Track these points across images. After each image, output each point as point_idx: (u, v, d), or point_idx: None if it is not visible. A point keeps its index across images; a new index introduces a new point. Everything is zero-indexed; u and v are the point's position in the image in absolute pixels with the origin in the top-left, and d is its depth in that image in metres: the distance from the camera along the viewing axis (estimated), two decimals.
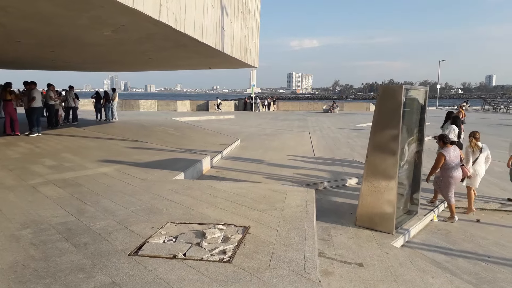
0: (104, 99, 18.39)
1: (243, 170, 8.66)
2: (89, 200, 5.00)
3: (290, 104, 42.72)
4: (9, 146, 9.62)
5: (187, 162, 7.94)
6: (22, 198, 5.03)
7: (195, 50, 9.23)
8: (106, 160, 7.91)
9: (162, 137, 12.78)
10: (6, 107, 11.58)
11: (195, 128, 17.14)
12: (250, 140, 14.14)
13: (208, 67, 15.60)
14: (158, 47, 8.82)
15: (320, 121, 25.12)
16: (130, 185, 5.88)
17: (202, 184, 5.99)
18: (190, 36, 7.13)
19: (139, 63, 14.28)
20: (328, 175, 8.34)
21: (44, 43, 8.06)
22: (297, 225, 4.11)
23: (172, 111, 33.44)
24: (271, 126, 20.47)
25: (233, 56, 10.73)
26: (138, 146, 10.11)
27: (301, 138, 15.31)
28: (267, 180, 7.66)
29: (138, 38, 7.38)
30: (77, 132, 13.26)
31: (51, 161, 7.77)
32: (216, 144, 11.77)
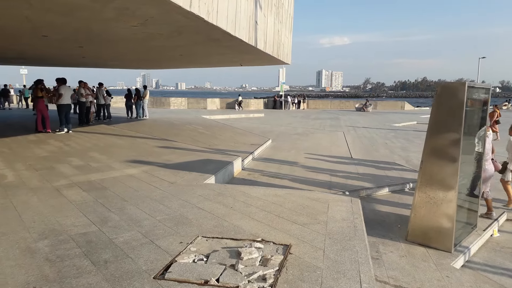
0: (136, 97, 18.34)
1: (276, 173, 8.14)
2: (114, 207, 4.62)
3: (321, 102, 41.76)
4: (39, 144, 9.51)
5: (218, 163, 7.50)
6: (44, 203, 4.72)
7: (227, 45, 8.77)
8: (134, 161, 7.59)
9: (192, 136, 12.45)
10: (38, 104, 11.55)
11: (225, 127, 16.76)
12: (282, 139, 13.59)
13: (239, 64, 15.15)
14: (189, 42, 8.41)
15: (353, 120, 24.21)
16: (158, 189, 5.48)
17: (235, 190, 5.50)
18: (223, 30, 6.66)
19: (169, 59, 14.00)
20: (369, 180, 7.67)
21: (71, 38, 7.83)
22: (346, 244, 3.53)
23: (202, 109, 33.34)
24: (302, 125, 19.83)
25: (266, 52, 10.20)
26: (167, 146, 9.78)
27: (335, 138, 14.61)
28: (303, 185, 7.10)
29: (168, 32, 6.99)
30: (107, 129, 13.15)
31: (78, 160, 7.53)
32: (246, 144, 11.30)
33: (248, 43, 8.39)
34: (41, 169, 6.68)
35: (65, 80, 11.72)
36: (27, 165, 6.94)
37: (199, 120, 19.97)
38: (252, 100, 40.91)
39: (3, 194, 5.05)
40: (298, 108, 37.50)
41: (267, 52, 10.40)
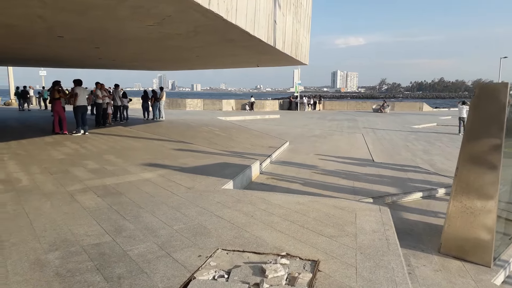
0: (153, 98, 18.28)
1: (295, 177, 7.84)
2: (129, 214, 4.40)
3: (337, 103, 41.19)
4: (55, 146, 9.43)
5: (236, 167, 7.24)
6: (57, 209, 4.54)
7: (244, 45, 8.52)
8: (150, 164, 7.40)
9: (208, 138, 12.24)
10: (55, 106, 11.53)
11: (241, 129, 16.53)
12: (299, 142, 13.28)
13: (256, 64, 14.89)
14: (206, 43, 8.20)
15: (371, 121, 23.71)
16: (175, 195, 5.25)
17: (254, 196, 5.23)
18: (242, 29, 6.42)
19: (185, 61, 13.84)
20: (393, 185, 7.31)
21: (87, 38, 7.70)
22: (380, 261, 3.22)
23: (217, 110, 33.26)
24: (319, 127, 19.46)
25: (284, 52, 9.92)
26: (184, 148, 9.59)
27: (355, 141, 14.22)
28: (325, 191, 6.78)
29: (185, 32, 6.78)
30: (123, 131, 13.06)
31: (93, 163, 7.38)
32: (264, 146, 11.03)
33: (266, 43, 8.13)
34: (56, 172, 6.54)
35: (80, 81, 11.67)
36: (42, 168, 6.81)
37: (215, 121, 19.81)
38: (267, 101, 40.65)
39: (16, 200, 4.89)
40: (314, 109, 37.07)
41: (286, 52, 10.12)
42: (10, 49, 10.37)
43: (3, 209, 4.50)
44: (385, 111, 34.82)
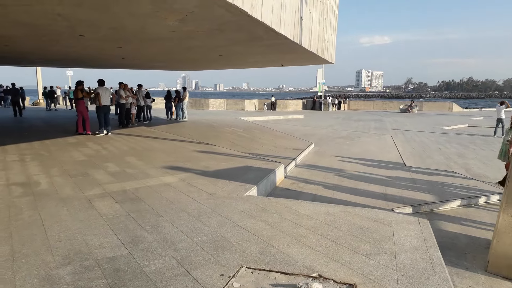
0: (176, 98, 18.19)
1: (322, 183, 7.44)
2: (147, 223, 4.14)
3: (363, 103, 40.22)
4: (77, 147, 9.36)
5: (259, 171, 6.91)
6: (73, 216, 4.32)
7: (269, 43, 8.18)
8: (171, 167, 7.17)
9: (231, 140, 11.97)
10: (78, 106, 11.53)
11: (264, 129, 16.20)
12: (325, 144, 12.83)
13: (280, 64, 14.52)
14: (230, 42, 7.90)
15: (399, 122, 22.90)
16: (196, 201, 4.97)
17: (280, 204, 4.88)
18: (267, 26, 6.08)
19: (208, 60, 13.62)
20: (428, 192, 6.81)
21: (109, 37, 7.54)
22: (426, 286, 2.82)
23: (240, 110, 33.05)
24: (344, 128, 18.90)
25: (310, 50, 9.52)
26: (206, 150, 9.33)
27: (383, 143, 13.63)
28: (355, 198, 6.36)
29: (208, 29, 6.50)
30: (146, 132, 12.96)
31: (114, 166, 7.21)
32: (288, 148, 10.66)
33: (293, 41, 7.76)
34: (76, 175, 6.38)
35: (103, 81, 11.61)
36: (62, 171, 6.68)
37: (238, 122, 19.56)
38: (290, 100, 40.17)
39: (33, 205, 4.72)
40: (339, 109, 36.32)
41: (312, 51, 9.71)
42: (37, 50, 10.40)
43: (19, 215, 4.32)
44: (413, 112, 33.70)
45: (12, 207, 4.61)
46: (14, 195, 5.16)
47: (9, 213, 4.39)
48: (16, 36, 7.62)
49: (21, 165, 7.18)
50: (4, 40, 8.31)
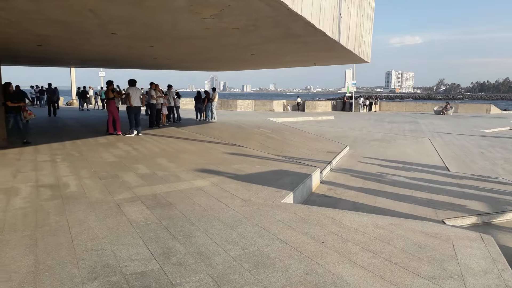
0: (206, 99, 18.05)
1: (361, 189, 6.95)
2: (179, 232, 3.82)
3: (394, 105, 39.02)
4: (108, 148, 9.26)
5: (294, 176, 6.51)
6: (102, 222, 4.07)
7: (305, 41, 7.77)
8: (203, 170, 6.88)
9: (261, 141, 11.62)
10: (108, 106, 11.50)
11: (295, 131, 15.77)
12: (359, 146, 12.25)
13: (313, 63, 14.05)
14: (265, 39, 7.54)
15: (434, 124, 21.87)
16: (230, 208, 4.63)
17: (321, 214, 4.46)
18: (306, 21, 5.68)
19: (239, 60, 13.33)
20: (480, 201, 6.20)
21: (141, 36, 7.35)
22: None
23: (268, 111, 32.71)
24: (378, 129, 18.18)
25: (348, 48, 9.03)
26: (237, 152, 9.02)
27: (421, 146, 12.92)
28: (401, 206, 5.85)
29: (243, 26, 6.17)
30: (176, 132, 12.80)
31: (144, 168, 6.99)
32: (322, 151, 10.20)
33: (331, 38, 7.32)
34: (106, 177, 6.19)
35: (133, 81, 11.52)
36: (92, 172, 6.51)
37: (267, 123, 19.22)
38: (319, 101, 39.48)
39: (61, 209, 4.51)
40: (370, 110, 35.30)
41: (349, 49, 9.22)
42: (68, 49, 10.41)
43: (46, 221, 4.11)
44: (448, 113, 32.28)
45: (39, 212, 4.41)
46: (42, 198, 4.99)
47: (36, 218, 4.19)
48: (48, 36, 7.57)
49: (52, 165, 7.08)
50: (37, 40, 8.30)
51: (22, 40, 8.20)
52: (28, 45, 9.43)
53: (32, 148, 8.94)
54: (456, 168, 9.17)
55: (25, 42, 8.66)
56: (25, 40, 8.32)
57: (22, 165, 7.07)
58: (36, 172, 6.50)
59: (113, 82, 11.55)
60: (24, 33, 7.30)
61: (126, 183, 5.81)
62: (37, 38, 8.00)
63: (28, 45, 9.43)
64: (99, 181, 5.90)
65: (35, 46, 9.48)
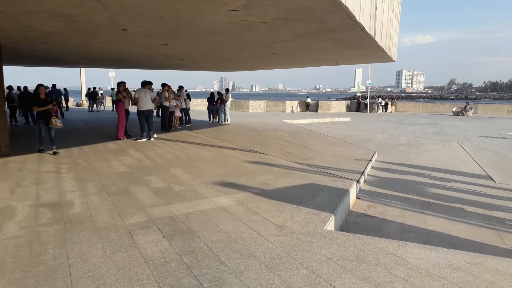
0: (218, 100, 17.30)
1: (404, 205, 6.09)
2: (207, 276, 3.03)
3: (411, 105, 37.86)
4: (118, 155, 8.52)
5: (330, 192, 5.68)
6: (110, 260, 3.29)
7: (338, 37, 6.93)
8: (223, 183, 6.09)
9: (281, 147, 10.79)
10: (117, 107, 10.81)
11: (313, 134, 14.90)
12: (387, 152, 11.34)
13: (336, 62, 13.18)
14: (294, 35, 6.71)
15: (457, 126, 20.81)
16: (264, 238, 3.82)
17: (378, 249, 3.63)
18: (347, 13, 4.86)
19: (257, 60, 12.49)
20: None
21: (154, 31, 6.56)
22: None
23: (280, 111, 31.88)
24: (399, 132, 17.23)
25: (380, 45, 8.17)
26: (257, 160, 8.21)
27: (452, 151, 11.98)
28: (458, 228, 4.99)
29: (272, 19, 5.36)
30: (190, 136, 12.04)
31: (158, 180, 6.22)
32: (349, 158, 9.33)
33: (368, 34, 6.48)
34: (115, 193, 5.42)
35: (144, 83, 10.76)
36: (100, 187, 5.76)
37: (282, 125, 18.38)
38: (333, 102, 38.49)
39: (62, 238, 3.75)
40: (385, 110, 34.22)
41: (381, 45, 8.35)
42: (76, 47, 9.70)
43: (43, 256, 3.35)
44: (467, 114, 31.09)
45: (35, 242, 3.65)
46: (41, 221, 4.23)
47: (30, 252, 3.43)
48: (52, 32, 6.84)
49: (56, 177, 6.35)
50: (42, 38, 7.59)
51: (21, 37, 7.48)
52: (32, 44, 8.75)
53: (36, 156, 8.24)
54: (500, 178, 8.26)
55: (28, 40, 7.96)
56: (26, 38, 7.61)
57: (23, 177, 6.35)
58: (38, 186, 5.77)
59: (124, 83, 10.83)
60: (24, 30, 6.59)
61: (139, 201, 5.04)
62: (40, 36, 7.29)
63: (32, 44, 8.75)
64: (108, 199, 5.14)
65: (40, 45, 8.79)
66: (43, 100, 8.18)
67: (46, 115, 8.18)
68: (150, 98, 10.72)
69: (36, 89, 8.24)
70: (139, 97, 10.59)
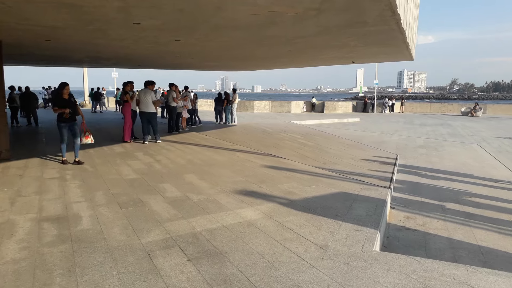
0: (225, 101, 16.75)
1: (444, 215, 5.52)
2: None
3: (418, 106, 37.20)
4: (126, 159, 7.96)
5: (365, 202, 5.11)
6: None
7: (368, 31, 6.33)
8: (245, 192, 5.52)
9: (296, 149, 10.23)
10: (122, 109, 10.27)
11: (326, 136, 14.34)
12: (408, 155, 10.75)
13: (351, 61, 12.60)
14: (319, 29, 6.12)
15: (470, 127, 20.19)
16: (307, 263, 3.25)
17: (446, 277, 3.05)
18: (390, 2, 4.30)
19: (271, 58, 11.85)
20: None
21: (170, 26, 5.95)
22: None
23: (286, 112, 31.33)
24: (413, 133, 16.64)
25: (407, 41, 7.60)
26: (276, 165, 7.65)
27: (475, 154, 11.40)
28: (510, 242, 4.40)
29: (304, 10, 4.76)
30: (199, 138, 11.48)
31: (173, 188, 5.66)
32: (372, 162, 8.77)
33: (401, 28, 5.91)
34: (127, 204, 4.86)
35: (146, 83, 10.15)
36: (110, 196, 5.19)
37: (291, 126, 17.83)
38: (339, 102, 37.92)
39: (69, 263, 3.18)
40: (392, 111, 33.59)
41: (408, 42, 7.78)
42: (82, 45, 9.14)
43: (48, 287, 2.79)
44: (477, 115, 30.47)
45: (38, 268, 3.09)
46: (45, 240, 3.67)
47: (33, 281, 2.87)
48: (56, 27, 6.28)
49: (60, 185, 5.79)
50: (45, 33, 7.03)
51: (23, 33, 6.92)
52: (35, 40, 8.18)
53: (39, 161, 7.69)
54: None
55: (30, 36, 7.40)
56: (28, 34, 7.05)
57: (24, 185, 5.80)
58: (40, 195, 5.21)
59: (132, 83, 10.26)
60: (26, 24, 6.03)
61: (154, 214, 4.47)
62: (43, 31, 6.72)
63: (35, 40, 8.18)
64: (119, 211, 4.58)
65: (43, 42, 8.23)
66: (66, 101, 7.16)
67: (69, 118, 7.19)
68: (151, 99, 10.04)
69: (59, 88, 7.23)
70: (140, 99, 10.01)
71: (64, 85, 7.17)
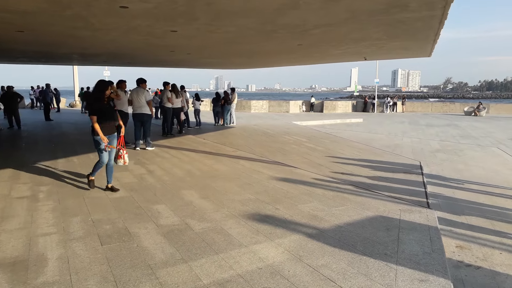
0: (223, 101, 15.67)
1: (506, 245, 4.47)
2: None
3: (419, 105, 36.33)
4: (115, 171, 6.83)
5: (413, 232, 4.06)
6: None
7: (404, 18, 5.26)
8: (259, 216, 4.45)
9: (305, 155, 9.17)
10: None
11: (334, 138, 13.29)
12: (428, 161, 9.70)
13: (364, 57, 11.58)
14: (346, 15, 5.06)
15: (479, 128, 19.27)
16: None
17: None
18: None
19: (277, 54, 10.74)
20: None
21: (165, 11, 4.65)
22: None
23: (284, 112, 30.28)
24: (422, 135, 15.64)
25: (440, 32, 6.58)
26: (288, 177, 6.58)
27: (500, 159, 10.41)
28: None
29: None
30: (197, 143, 10.36)
31: (168, 211, 4.57)
32: (395, 171, 7.73)
33: (442, 15, 4.89)
34: (110, 237, 3.75)
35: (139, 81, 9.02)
36: (89, 225, 4.09)
37: (294, 128, 16.78)
38: (338, 102, 36.94)
39: None
40: (393, 110, 32.67)
41: (440, 33, 6.76)
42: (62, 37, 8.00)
43: None
44: (480, 114, 29.70)
45: None
46: None
47: None
48: (27, 13, 5.15)
49: (28, 207, 4.67)
50: (15, 22, 5.89)
51: None
52: (5, 32, 7.02)
53: (10, 173, 6.54)
54: None
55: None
56: None
57: None
58: (1, 222, 4.09)
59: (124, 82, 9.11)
60: None
61: (145, 254, 3.37)
62: (13, 19, 5.59)
63: (5, 32, 7.02)
64: (99, 249, 3.47)
65: (16, 33, 7.07)
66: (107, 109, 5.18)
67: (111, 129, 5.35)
68: (145, 99, 8.93)
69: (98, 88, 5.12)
70: (132, 98, 8.89)
71: (107, 84, 5.21)
